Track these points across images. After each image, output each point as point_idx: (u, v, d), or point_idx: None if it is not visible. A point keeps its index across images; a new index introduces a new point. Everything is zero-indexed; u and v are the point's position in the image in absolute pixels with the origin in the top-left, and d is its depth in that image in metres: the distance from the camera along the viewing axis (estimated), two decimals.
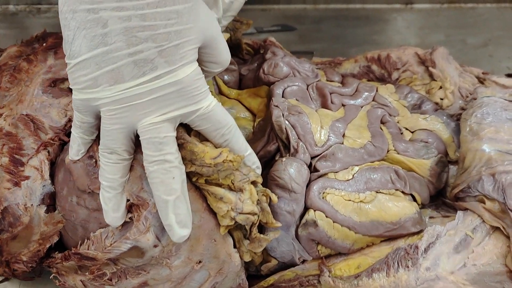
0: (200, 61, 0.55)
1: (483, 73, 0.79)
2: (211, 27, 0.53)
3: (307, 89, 0.70)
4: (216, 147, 0.54)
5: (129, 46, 0.48)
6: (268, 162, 0.64)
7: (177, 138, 0.52)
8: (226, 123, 0.54)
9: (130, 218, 0.54)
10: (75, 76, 0.50)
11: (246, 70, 0.76)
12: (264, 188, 0.56)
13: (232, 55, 0.72)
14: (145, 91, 0.50)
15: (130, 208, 0.55)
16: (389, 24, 1.12)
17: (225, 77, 0.75)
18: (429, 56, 0.76)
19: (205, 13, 0.53)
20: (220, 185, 0.54)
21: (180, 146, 0.52)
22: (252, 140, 0.66)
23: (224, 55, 0.56)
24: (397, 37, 1.08)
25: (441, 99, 0.73)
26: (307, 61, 0.77)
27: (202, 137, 0.55)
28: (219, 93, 0.74)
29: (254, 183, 0.55)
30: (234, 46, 0.79)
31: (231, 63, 0.75)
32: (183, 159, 0.52)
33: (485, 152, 0.60)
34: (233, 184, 0.53)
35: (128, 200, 0.54)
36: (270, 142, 0.63)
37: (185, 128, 0.54)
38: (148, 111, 0.50)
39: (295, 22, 1.10)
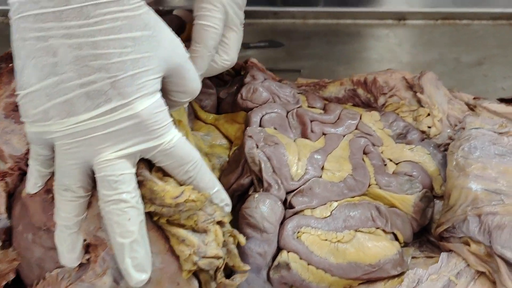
0: (166, 90, 0.51)
1: (474, 98, 0.75)
2: (176, 54, 0.50)
3: (286, 116, 0.66)
4: (180, 184, 0.50)
5: (80, 76, 0.45)
6: (242, 196, 0.60)
7: (137, 174, 0.48)
8: (191, 159, 0.50)
9: (87, 259, 0.50)
10: (26, 108, 0.47)
11: (225, 93, 0.72)
12: (232, 229, 0.52)
13: (212, 76, 0.69)
14: (100, 125, 0.46)
15: (87, 248, 0.51)
16: (380, 40, 1.07)
17: (203, 101, 0.71)
18: (417, 81, 0.72)
19: (169, 40, 0.49)
20: (182, 226, 0.50)
21: (140, 184, 0.48)
22: (226, 170, 0.63)
23: (192, 85, 0.52)
24: (388, 54, 1.04)
25: (429, 127, 0.69)
26: (288, 85, 0.73)
27: (166, 172, 0.51)
28: (195, 117, 0.70)
29: (220, 223, 0.51)
30: None
31: (209, 87, 0.72)
32: (143, 197, 0.48)
33: (472, 190, 0.56)
34: (196, 225, 0.49)
35: (85, 240, 0.50)
36: (244, 175, 0.59)
37: (147, 162, 0.50)
38: (104, 147, 0.46)
39: (283, 37, 1.06)
